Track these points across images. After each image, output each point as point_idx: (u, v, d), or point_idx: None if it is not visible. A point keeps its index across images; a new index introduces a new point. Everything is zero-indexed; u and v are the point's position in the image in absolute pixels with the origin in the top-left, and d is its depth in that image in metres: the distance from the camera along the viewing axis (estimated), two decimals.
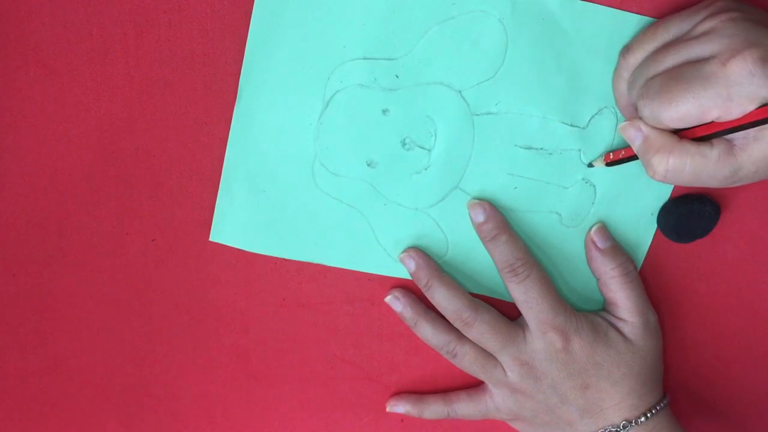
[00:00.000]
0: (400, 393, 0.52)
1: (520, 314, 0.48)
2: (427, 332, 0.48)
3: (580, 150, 0.46)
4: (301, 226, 0.47)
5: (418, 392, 0.52)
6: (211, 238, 0.47)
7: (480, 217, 0.46)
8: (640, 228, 0.48)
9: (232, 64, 0.44)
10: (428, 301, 0.48)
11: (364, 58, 0.44)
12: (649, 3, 0.43)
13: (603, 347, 0.46)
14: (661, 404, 0.47)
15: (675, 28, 0.41)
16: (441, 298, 0.47)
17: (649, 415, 0.46)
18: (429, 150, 0.46)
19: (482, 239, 0.47)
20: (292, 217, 0.47)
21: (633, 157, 0.43)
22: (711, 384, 0.52)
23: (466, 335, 0.48)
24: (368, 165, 0.46)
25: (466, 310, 0.47)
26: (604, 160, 0.45)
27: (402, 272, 0.48)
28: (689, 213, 0.47)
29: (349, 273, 0.48)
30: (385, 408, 0.52)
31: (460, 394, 0.50)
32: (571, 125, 0.45)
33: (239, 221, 0.47)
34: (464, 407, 0.50)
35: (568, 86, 0.45)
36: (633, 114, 0.42)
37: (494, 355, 0.48)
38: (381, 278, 0.49)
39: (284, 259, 0.48)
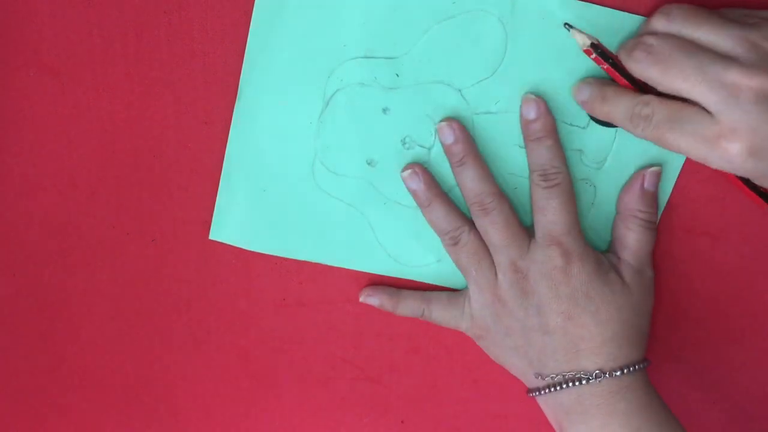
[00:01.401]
0: (376, 285, 0.49)
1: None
2: (439, 214, 0.46)
3: (580, 150, 0.46)
4: (301, 225, 0.47)
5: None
6: (210, 237, 0.47)
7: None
8: None
9: (232, 63, 0.44)
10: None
11: (365, 57, 0.44)
12: (650, 4, 0.43)
13: (599, 283, 0.44)
14: (641, 365, 0.45)
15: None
16: (470, 176, 0.45)
17: (625, 371, 0.44)
18: (429, 149, 0.46)
19: (526, 136, 0.45)
20: (292, 216, 0.47)
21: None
22: (710, 384, 0.52)
23: (476, 223, 0.46)
24: (368, 164, 0.46)
25: (490, 196, 0.45)
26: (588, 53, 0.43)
27: (401, 272, 0.48)
28: None
29: (349, 273, 0.48)
30: (384, 408, 0.52)
31: (440, 294, 0.49)
32: (571, 125, 0.45)
33: (239, 220, 0.47)
34: (440, 309, 0.48)
35: (567, 86, 0.45)
36: None
37: (493, 254, 0.46)
38: (381, 278, 0.49)
39: (284, 258, 0.48)
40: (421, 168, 0.46)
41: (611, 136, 0.46)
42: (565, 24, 0.43)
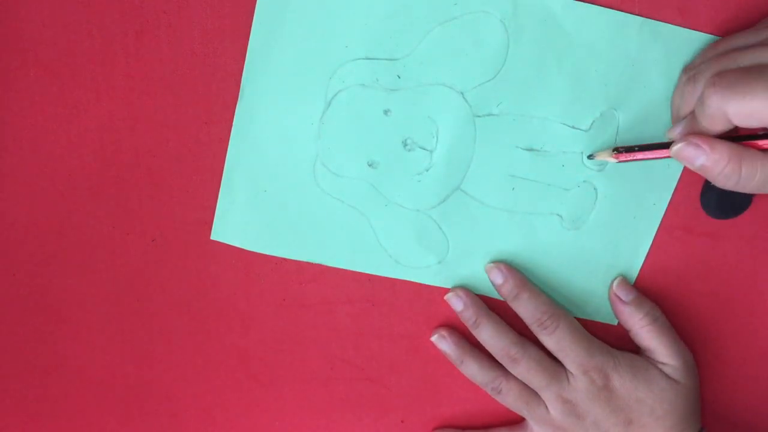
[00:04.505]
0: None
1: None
2: (474, 369, 0.49)
3: (582, 152, 0.46)
4: (302, 226, 0.47)
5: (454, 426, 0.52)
6: (212, 237, 0.47)
7: (499, 279, 0.47)
8: (641, 228, 0.48)
9: (233, 63, 0.44)
10: (473, 338, 0.49)
11: (366, 58, 0.44)
12: (651, 6, 0.43)
13: (644, 383, 0.47)
14: None
15: (741, 40, 0.40)
16: (489, 335, 0.48)
17: None
18: (430, 151, 0.46)
19: (505, 299, 0.48)
20: (293, 217, 0.47)
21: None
22: (709, 384, 0.52)
23: (512, 372, 0.48)
24: (369, 165, 0.46)
25: (514, 347, 0.47)
26: (616, 157, 0.44)
27: (402, 273, 0.48)
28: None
29: (349, 273, 0.48)
30: (384, 408, 0.52)
31: (500, 430, 0.51)
32: (573, 127, 0.45)
33: (240, 220, 0.47)
34: None
35: (569, 88, 0.45)
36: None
37: (538, 393, 0.48)
38: (381, 278, 0.49)
39: (284, 259, 0.48)
40: (447, 330, 0.49)
41: (612, 138, 0.46)
42: (588, 156, 0.45)
